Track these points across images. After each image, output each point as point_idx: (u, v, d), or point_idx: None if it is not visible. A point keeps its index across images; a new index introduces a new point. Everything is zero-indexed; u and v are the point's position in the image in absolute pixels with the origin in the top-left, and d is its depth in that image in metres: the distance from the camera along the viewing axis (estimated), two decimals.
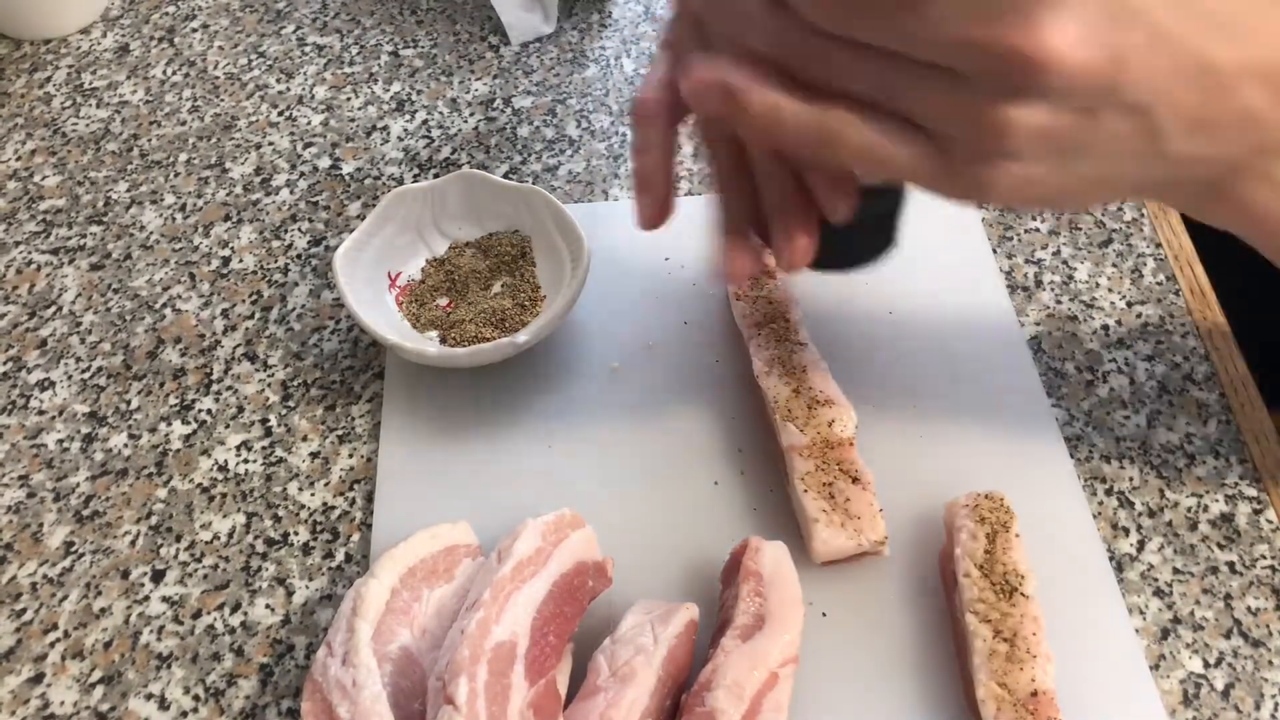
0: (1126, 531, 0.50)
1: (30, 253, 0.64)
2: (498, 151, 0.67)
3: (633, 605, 0.44)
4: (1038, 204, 0.37)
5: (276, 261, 0.62)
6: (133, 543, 0.51)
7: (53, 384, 0.58)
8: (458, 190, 0.59)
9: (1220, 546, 0.50)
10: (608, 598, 0.46)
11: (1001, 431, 0.53)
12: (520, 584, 0.42)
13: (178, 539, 0.51)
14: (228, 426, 0.55)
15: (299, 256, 0.63)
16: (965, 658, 0.43)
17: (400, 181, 0.66)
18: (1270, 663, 0.46)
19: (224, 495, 0.53)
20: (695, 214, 0.63)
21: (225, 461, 0.54)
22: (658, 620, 0.43)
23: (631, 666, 0.41)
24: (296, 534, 0.51)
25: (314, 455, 0.54)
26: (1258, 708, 0.45)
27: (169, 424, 0.56)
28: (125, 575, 0.50)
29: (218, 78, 0.73)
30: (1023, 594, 0.43)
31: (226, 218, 0.65)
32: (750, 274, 0.44)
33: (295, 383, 0.57)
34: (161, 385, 0.57)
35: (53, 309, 0.61)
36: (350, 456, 0.54)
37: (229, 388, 0.57)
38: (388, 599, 0.44)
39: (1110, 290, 0.59)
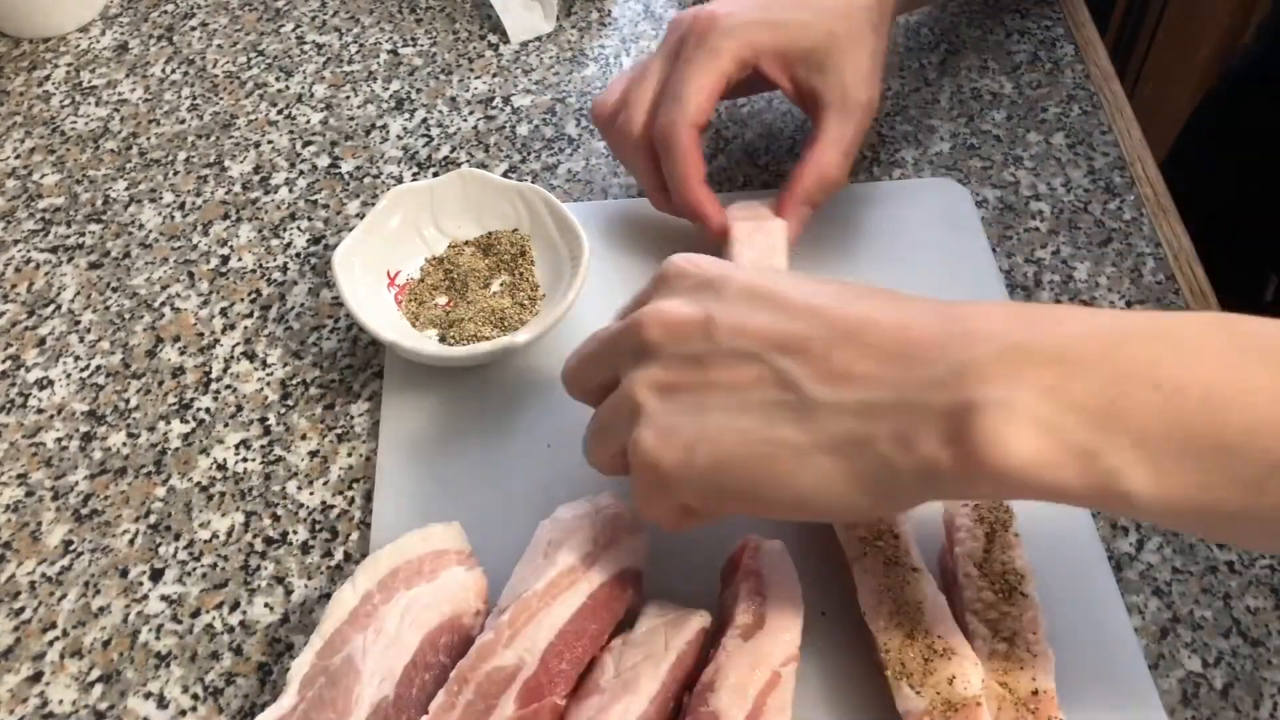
0: (1126, 531, 0.50)
1: (29, 251, 0.64)
2: (497, 150, 0.67)
3: (647, 605, 0.44)
4: (706, 475, 0.37)
5: (275, 260, 0.62)
6: (131, 541, 0.51)
7: (51, 383, 0.57)
8: (457, 189, 0.59)
9: (1219, 546, 0.50)
10: None
11: None
12: (550, 600, 0.41)
13: (176, 538, 0.51)
14: (226, 425, 0.55)
15: (298, 255, 0.63)
16: None
17: (399, 180, 0.66)
18: (1269, 662, 0.46)
19: (223, 494, 0.53)
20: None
21: (224, 460, 0.54)
22: (670, 626, 0.42)
23: (636, 672, 0.41)
24: (295, 533, 0.51)
25: (313, 454, 0.54)
26: (1256, 707, 0.45)
27: (168, 423, 0.56)
28: (124, 574, 0.50)
29: (217, 76, 0.73)
30: (1022, 593, 0.43)
31: (225, 216, 0.65)
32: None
33: (294, 381, 0.57)
34: (160, 384, 0.57)
35: (51, 307, 0.61)
36: (349, 455, 0.54)
37: (228, 386, 0.57)
38: (356, 605, 0.43)
39: (1110, 290, 0.59)
